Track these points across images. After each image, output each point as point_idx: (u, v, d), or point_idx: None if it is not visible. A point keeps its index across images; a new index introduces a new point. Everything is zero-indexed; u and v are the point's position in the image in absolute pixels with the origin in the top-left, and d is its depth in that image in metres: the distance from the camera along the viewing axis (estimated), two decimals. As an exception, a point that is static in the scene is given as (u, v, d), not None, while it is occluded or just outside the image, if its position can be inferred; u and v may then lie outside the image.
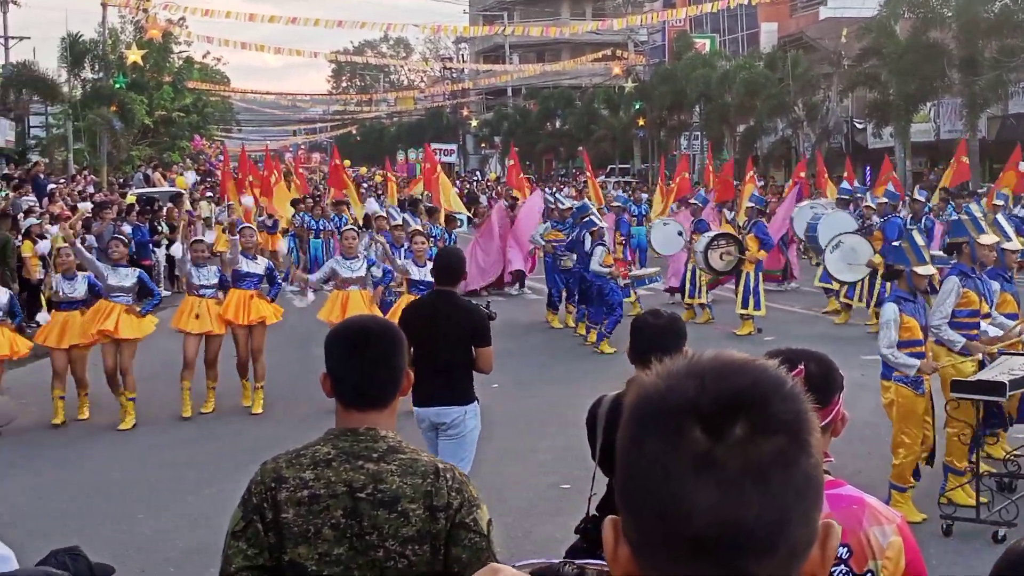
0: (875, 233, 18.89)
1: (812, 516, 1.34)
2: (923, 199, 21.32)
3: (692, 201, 22.52)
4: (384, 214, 18.29)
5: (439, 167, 26.62)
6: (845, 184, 23.87)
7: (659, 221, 23.37)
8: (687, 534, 1.29)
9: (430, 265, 14.87)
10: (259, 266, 14.48)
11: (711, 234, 19.49)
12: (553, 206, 22.61)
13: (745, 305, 18.74)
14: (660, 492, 1.31)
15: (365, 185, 49.75)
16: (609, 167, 65.48)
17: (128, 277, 13.60)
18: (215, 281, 14.08)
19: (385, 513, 3.12)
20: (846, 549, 3.09)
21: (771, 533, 1.29)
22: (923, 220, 19.65)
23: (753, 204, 19.99)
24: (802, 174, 27.60)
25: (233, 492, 3.64)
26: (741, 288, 18.76)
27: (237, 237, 14.64)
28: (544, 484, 10.44)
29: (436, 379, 7.66)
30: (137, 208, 26.04)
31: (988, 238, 10.54)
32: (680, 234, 21.34)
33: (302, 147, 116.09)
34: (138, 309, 13.46)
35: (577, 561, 1.97)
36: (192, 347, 13.84)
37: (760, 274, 19.05)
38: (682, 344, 4.99)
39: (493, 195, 42.34)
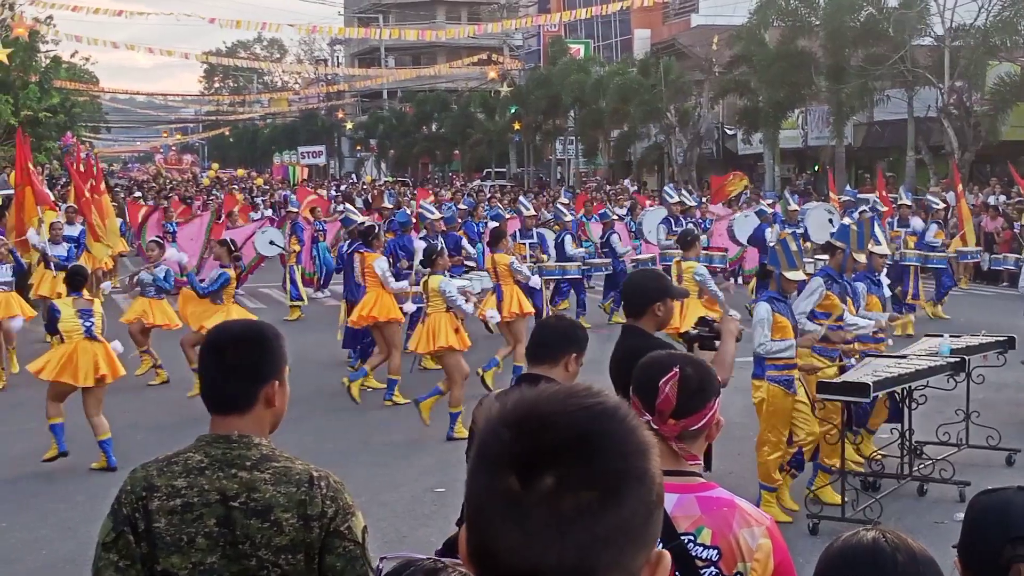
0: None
1: (624, 561, 1.41)
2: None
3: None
4: None
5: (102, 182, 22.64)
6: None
7: (740, 215, 22.59)
8: (494, 570, 1.40)
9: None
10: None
11: None
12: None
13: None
14: (480, 525, 1.41)
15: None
16: (485, 171, 65.69)
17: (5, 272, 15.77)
18: None
19: (258, 522, 3.08)
20: (716, 551, 3.14)
21: None
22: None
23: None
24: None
25: (105, 501, 3.55)
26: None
27: None
28: (421, 488, 10.41)
29: None
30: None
31: (862, 256, 11.14)
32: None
33: (173, 148, 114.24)
34: None
35: (446, 560, 1.98)
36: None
37: None
38: (570, 351, 4.96)
39: (369, 197, 42.15)
